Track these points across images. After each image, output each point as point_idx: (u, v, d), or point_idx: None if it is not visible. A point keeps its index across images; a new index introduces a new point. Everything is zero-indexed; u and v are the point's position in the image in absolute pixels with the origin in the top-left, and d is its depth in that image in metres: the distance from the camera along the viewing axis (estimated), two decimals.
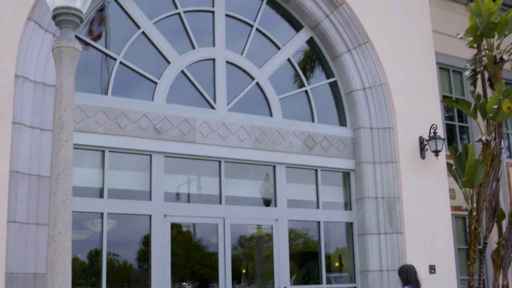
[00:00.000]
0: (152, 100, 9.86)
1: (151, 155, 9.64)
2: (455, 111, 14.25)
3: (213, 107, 10.41)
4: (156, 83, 9.96)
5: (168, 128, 9.76)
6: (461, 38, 12.44)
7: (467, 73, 12.10)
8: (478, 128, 12.30)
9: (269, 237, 10.60)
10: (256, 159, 10.55)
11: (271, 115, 10.94)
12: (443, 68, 14.26)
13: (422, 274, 10.90)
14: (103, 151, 9.28)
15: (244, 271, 10.83)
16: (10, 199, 7.91)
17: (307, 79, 11.61)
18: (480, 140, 11.71)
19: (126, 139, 9.39)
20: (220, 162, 10.26)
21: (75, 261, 8.72)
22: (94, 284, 9.03)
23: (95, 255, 9.13)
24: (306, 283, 11.02)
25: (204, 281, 10.18)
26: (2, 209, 7.80)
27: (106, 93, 9.53)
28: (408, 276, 8.81)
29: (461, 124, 14.38)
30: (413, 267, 8.95)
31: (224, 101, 10.53)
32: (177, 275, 9.76)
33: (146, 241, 9.48)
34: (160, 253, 9.38)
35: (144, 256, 9.50)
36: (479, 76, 12.25)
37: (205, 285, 10.17)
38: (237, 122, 10.42)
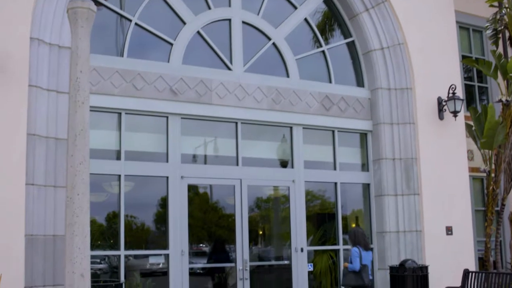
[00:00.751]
0: (168, 61, 9.79)
1: (167, 117, 9.62)
2: (474, 71, 14.01)
3: (229, 68, 10.33)
4: (172, 44, 9.87)
5: (185, 90, 9.70)
6: None
7: (488, 32, 11.86)
8: (498, 88, 12.09)
9: (286, 198, 10.60)
10: (273, 120, 10.50)
11: (288, 76, 10.83)
12: (462, 27, 13.98)
13: (439, 235, 10.97)
14: (120, 113, 9.26)
15: (261, 232, 10.88)
16: (28, 162, 7.95)
17: (324, 39, 11.45)
18: (500, 100, 11.52)
19: (143, 101, 9.36)
20: (236, 123, 10.22)
21: (93, 223, 8.77)
22: (112, 246, 9.12)
23: (112, 217, 9.19)
24: (323, 244, 11.04)
25: (220, 241, 10.24)
26: (20, 171, 7.84)
27: (122, 55, 9.47)
28: (356, 237, 9.34)
29: (480, 84, 14.16)
30: (361, 229, 9.54)
31: (240, 62, 10.43)
32: (194, 237, 9.83)
33: (163, 203, 9.53)
34: (177, 215, 9.42)
35: (162, 218, 9.55)
36: (500, 35, 11.99)
37: (222, 246, 10.24)
38: (254, 83, 10.34)
